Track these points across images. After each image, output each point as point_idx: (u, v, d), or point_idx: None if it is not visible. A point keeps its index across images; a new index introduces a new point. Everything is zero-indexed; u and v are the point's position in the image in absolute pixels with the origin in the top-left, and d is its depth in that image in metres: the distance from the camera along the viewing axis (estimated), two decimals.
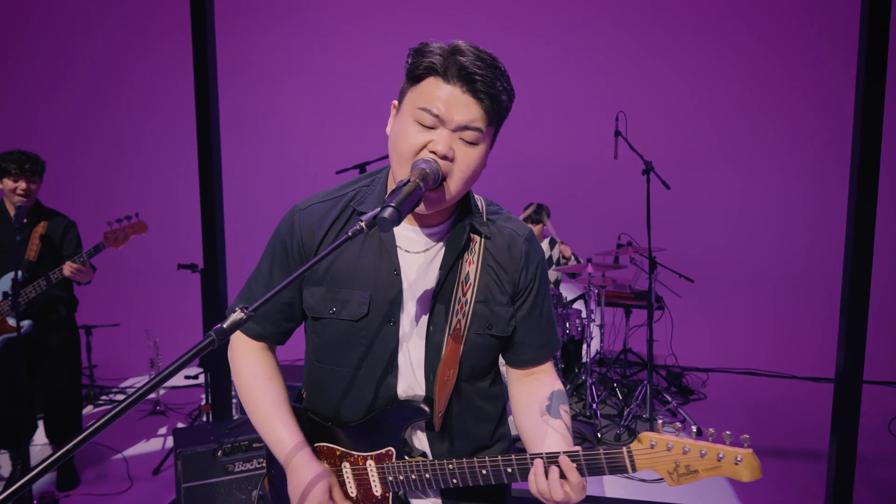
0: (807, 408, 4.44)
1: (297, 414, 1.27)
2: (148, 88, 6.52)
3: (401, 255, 1.19)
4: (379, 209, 0.96)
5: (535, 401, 1.24)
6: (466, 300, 1.18)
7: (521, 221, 1.30)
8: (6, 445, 3.38)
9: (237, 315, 0.88)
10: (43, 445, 3.74)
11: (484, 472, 1.12)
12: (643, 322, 4.87)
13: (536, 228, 4.80)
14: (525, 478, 1.11)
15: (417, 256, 1.19)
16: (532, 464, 1.09)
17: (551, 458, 1.07)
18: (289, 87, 6.57)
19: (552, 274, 4.89)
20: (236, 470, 2.64)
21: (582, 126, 6.12)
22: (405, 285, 1.18)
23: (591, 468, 1.07)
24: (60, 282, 3.11)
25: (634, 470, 1.06)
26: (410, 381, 1.20)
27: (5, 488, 3.10)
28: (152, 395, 4.69)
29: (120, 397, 4.70)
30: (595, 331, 4.89)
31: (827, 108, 5.82)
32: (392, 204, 0.96)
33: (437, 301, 1.18)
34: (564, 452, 1.08)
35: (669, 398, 4.19)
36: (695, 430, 1.03)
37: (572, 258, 4.74)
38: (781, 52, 6.09)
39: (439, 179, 1.05)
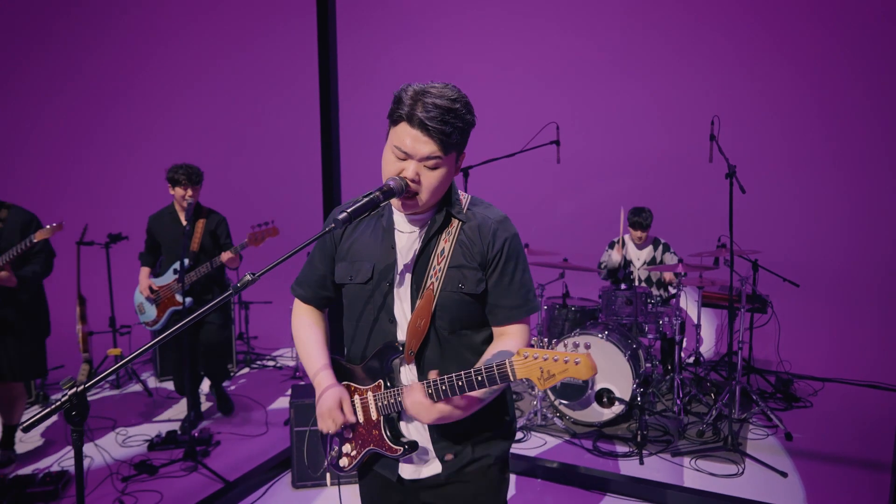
0: None
1: (333, 362, 1.74)
2: (276, 98, 7.38)
3: (397, 234, 1.61)
4: (339, 212, 1.42)
5: (490, 353, 1.59)
6: (440, 268, 1.55)
7: (497, 211, 1.64)
8: (182, 393, 4.34)
9: (247, 278, 1.38)
10: (208, 394, 4.69)
11: (429, 391, 1.46)
12: (753, 325, 4.85)
13: (636, 234, 4.92)
14: (448, 394, 1.42)
15: (408, 235, 1.61)
16: (455, 380, 1.40)
17: (461, 378, 1.39)
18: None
19: (644, 273, 5.00)
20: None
21: (680, 129, 6.13)
22: (398, 256, 1.60)
23: (489, 379, 1.36)
24: (216, 268, 3.96)
25: (516, 377, 1.33)
26: (403, 328, 1.60)
27: (182, 426, 4.03)
28: (292, 364, 5.56)
29: (270, 364, 5.62)
30: (692, 331, 4.93)
31: None
32: (348, 210, 1.41)
33: (416, 268, 1.58)
34: (465, 372, 1.38)
35: (758, 401, 4.17)
36: (546, 340, 1.31)
37: (677, 260, 4.80)
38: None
39: (403, 191, 1.47)
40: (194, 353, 4.14)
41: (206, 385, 4.64)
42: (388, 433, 1.55)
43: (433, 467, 1.59)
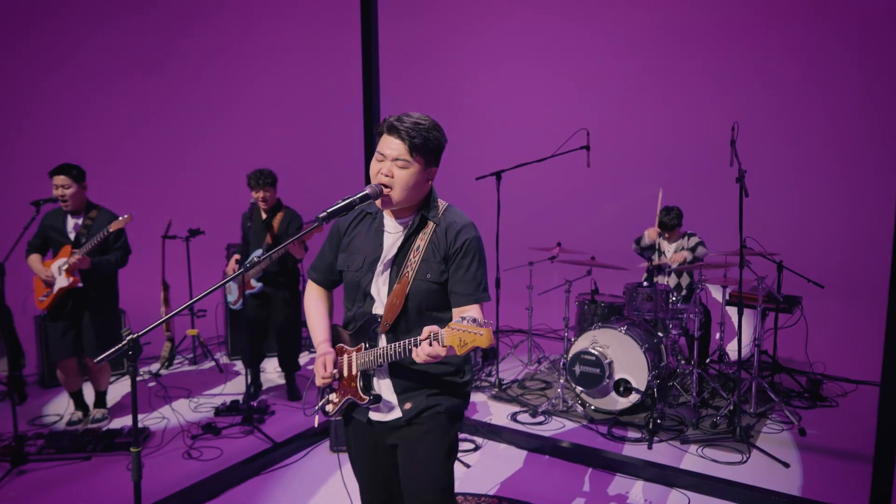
0: None
1: (333, 328, 2.17)
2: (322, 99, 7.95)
3: (385, 234, 2.03)
4: (322, 211, 1.85)
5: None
6: (415, 260, 1.95)
7: (465, 217, 2.02)
8: (249, 365, 4.93)
9: (255, 260, 1.84)
10: (277, 373, 5.29)
11: (391, 353, 1.86)
12: (781, 325, 4.95)
13: (666, 235, 5.09)
14: (406, 355, 1.79)
15: (392, 235, 2.02)
16: (415, 340, 1.76)
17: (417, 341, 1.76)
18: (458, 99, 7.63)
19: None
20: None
21: (706, 132, 6.24)
22: (383, 252, 2.01)
23: (432, 342, 1.69)
24: (284, 257, 4.51)
25: (445, 343, 1.66)
26: (382, 303, 2.00)
27: (245, 394, 4.62)
28: None
29: None
30: (731, 330, 5.06)
31: None
32: (328, 210, 1.84)
33: (395, 261, 1.98)
34: (423, 337, 1.72)
35: (774, 396, 4.30)
36: (465, 319, 1.65)
37: (703, 249, 4.93)
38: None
39: (378, 195, 1.88)
40: (258, 334, 4.74)
41: (267, 364, 5.24)
42: (361, 385, 1.98)
43: (395, 413, 2.00)
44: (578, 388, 4.41)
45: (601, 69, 7.15)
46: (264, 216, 4.59)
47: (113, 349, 1.74)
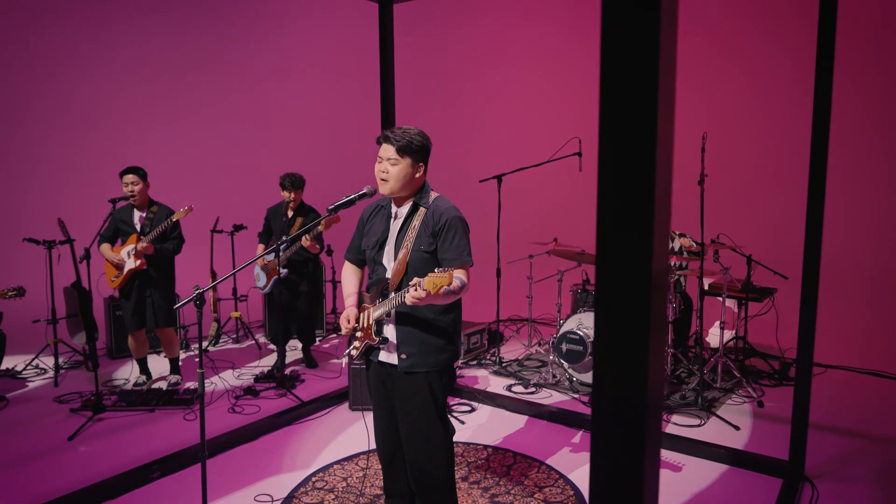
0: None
1: (359, 293, 2.90)
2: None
3: (392, 220, 2.72)
4: (331, 205, 2.57)
5: None
6: (412, 236, 2.62)
7: (450, 203, 2.67)
8: (276, 343, 5.72)
9: (283, 244, 2.56)
10: (295, 350, 6.07)
11: (394, 302, 2.55)
12: (756, 313, 5.50)
13: None
14: (402, 300, 2.45)
15: (397, 220, 2.70)
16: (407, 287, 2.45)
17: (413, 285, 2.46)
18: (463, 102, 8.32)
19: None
20: None
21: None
22: (390, 233, 2.70)
23: (422, 284, 2.32)
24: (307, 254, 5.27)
25: (425, 287, 2.29)
26: (390, 271, 2.72)
27: (272, 369, 5.39)
28: None
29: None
30: (693, 316, 5.63)
31: None
32: (335, 204, 2.56)
33: (398, 238, 2.66)
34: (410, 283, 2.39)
35: (737, 373, 4.88)
36: (438, 269, 2.33)
37: (693, 243, 5.51)
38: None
39: (373, 193, 2.59)
40: (286, 316, 5.51)
41: (294, 342, 6.02)
42: (375, 330, 2.68)
43: (394, 358, 2.68)
44: (565, 364, 5.05)
45: (595, 80, 7.74)
46: (290, 214, 5.36)
47: (185, 300, 2.49)
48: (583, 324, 5.01)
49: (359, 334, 2.75)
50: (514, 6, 8.55)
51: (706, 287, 5.38)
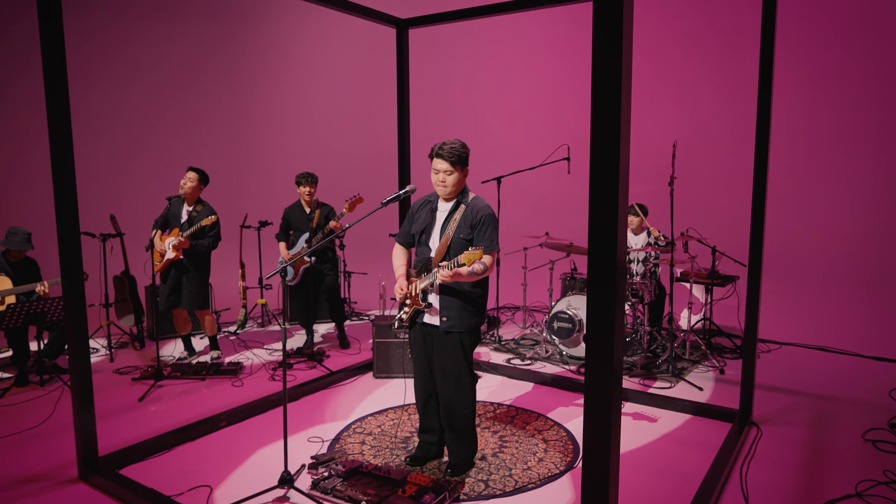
0: (836, 382, 5.50)
1: (407, 269, 3.64)
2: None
3: (438, 213, 3.46)
4: (384, 199, 3.35)
5: None
6: (454, 227, 3.36)
7: (485, 202, 3.41)
8: (303, 324, 6.44)
9: (304, 246, 3.33)
10: (326, 329, 6.80)
11: (436, 275, 3.30)
12: (721, 297, 6.34)
13: (635, 220, 6.50)
14: (450, 268, 3.22)
15: (442, 213, 3.43)
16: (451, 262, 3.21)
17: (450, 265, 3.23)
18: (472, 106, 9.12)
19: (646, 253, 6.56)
20: (402, 337, 5.21)
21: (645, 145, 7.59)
22: (436, 222, 3.44)
23: (458, 261, 3.12)
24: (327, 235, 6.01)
25: (461, 263, 3.10)
26: (434, 251, 3.45)
27: (297, 349, 6.16)
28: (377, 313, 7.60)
29: (365, 318, 7.69)
30: (666, 300, 6.45)
31: None
32: (386, 200, 3.34)
33: (444, 227, 3.40)
34: (447, 262, 3.20)
35: (703, 347, 5.71)
36: (471, 248, 3.12)
37: (661, 236, 6.34)
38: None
39: (414, 191, 3.37)
40: (312, 297, 6.25)
41: (318, 326, 6.75)
42: (421, 297, 3.45)
43: (436, 321, 3.43)
44: (556, 340, 5.84)
45: (580, 92, 8.59)
46: (307, 210, 6.07)
47: (273, 272, 3.25)
48: (571, 305, 5.81)
49: (408, 301, 3.50)
50: (515, 47, 9.37)
51: (677, 275, 6.20)
